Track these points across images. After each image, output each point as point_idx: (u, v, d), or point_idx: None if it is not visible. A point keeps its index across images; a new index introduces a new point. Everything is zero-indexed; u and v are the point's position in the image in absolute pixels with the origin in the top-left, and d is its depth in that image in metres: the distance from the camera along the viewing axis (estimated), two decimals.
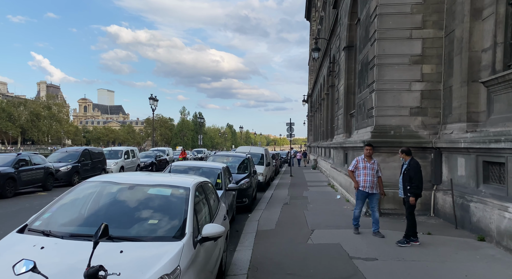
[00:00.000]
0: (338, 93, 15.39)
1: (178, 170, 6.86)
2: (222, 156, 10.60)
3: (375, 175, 6.21)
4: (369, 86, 8.80)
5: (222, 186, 6.56)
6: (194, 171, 6.91)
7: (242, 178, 9.35)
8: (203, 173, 6.88)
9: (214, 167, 7.06)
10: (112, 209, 3.14)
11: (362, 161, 6.29)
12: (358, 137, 9.60)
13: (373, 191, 6.17)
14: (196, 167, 7.00)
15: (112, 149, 18.68)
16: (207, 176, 6.71)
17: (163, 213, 3.12)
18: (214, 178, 6.81)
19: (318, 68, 30.11)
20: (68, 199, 3.27)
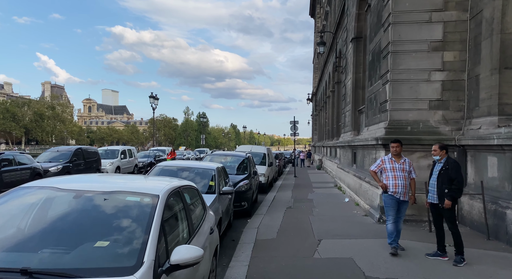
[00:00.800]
0: (345, 88, 14.46)
1: (167, 171, 6.02)
2: (220, 156, 9.76)
3: (407, 177, 5.05)
4: (381, 77, 7.89)
5: (215, 189, 5.70)
6: (185, 172, 6.06)
7: (241, 179, 8.49)
8: (195, 175, 6.04)
9: (208, 168, 6.20)
10: (47, 227, 2.29)
11: (389, 161, 5.13)
12: (369, 134, 8.69)
13: (405, 197, 5.00)
14: (187, 167, 6.16)
15: (108, 149, 17.93)
16: (199, 178, 5.87)
17: (117, 232, 2.27)
18: (207, 180, 5.96)
19: (323, 65, 29.16)
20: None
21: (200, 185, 5.79)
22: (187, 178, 5.95)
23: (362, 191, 9.00)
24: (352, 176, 10.93)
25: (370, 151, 8.61)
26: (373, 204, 7.62)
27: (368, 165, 8.85)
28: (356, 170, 10.60)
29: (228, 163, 9.43)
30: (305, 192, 12.55)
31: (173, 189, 2.85)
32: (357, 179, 10.00)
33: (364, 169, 9.34)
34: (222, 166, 7.12)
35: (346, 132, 13.78)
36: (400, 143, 5.17)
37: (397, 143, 5.16)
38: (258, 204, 10.13)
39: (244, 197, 8.18)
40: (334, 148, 20.78)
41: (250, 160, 9.85)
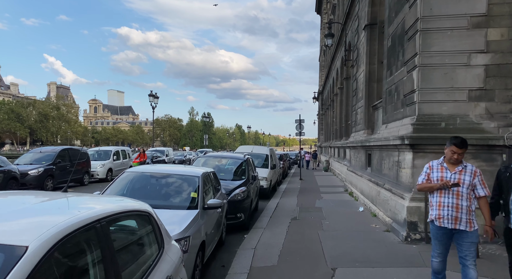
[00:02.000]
0: (356, 83, 13.06)
1: (139, 180, 4.71)
2: (214, 158, 8.46)
3: (466, 195, 3.27)
4: (406, 64, 6.50)
5: (198, 203, 4.38)
6: (162, 180, 4.76)
7: (237, 186, 7.17)
8: (172, 184, 4.72)
9: (190, 175, 4.88)
10: None
11: (439, 169, 3.45)
12: (389, 133, 7.30)
13: (460, 225, 3.24)
14: (164, 174, 4.84)
15: (100, 149, 16.75)
16: (178, 189, 4.56)
17: None
18: (189, 192, 4.64)
19: (330, 61, 27.73)
20: None
21: (177, 198, 4.48)
22: (161, 189, 4.65)
23: (380, 200, 7.62)
24: (366, 181, 9.53)
25: (391, 153, 7.22)
26: (397, 218, 6.23)
27: (388, 169, 7.46)
28: (372, 174, 9.21)
29: (224, 166, 8.13)
30: (312, 198, 11.18)
31: (51, 240, 1.44)
32: (373, 185, 8.61)
33: (383, 173, 7.96)
34: (211, 172, 5.80)
35: (357, 131, 12.38)
36: (466, 148, 3.35)
37: (463, 148, 3.30)
38: (258, 213, 8.80)
39: (240, 207, 6.86)
40: (343, 148, 19.35)
41: (249, 163, 8.53)
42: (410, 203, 5.69)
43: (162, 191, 4.57)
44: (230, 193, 6.91)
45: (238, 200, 6.87)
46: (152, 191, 4.55)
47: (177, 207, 4.25)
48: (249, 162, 8.55)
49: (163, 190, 4.60)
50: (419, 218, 5.59)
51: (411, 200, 5.71)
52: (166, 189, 4.61)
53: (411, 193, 5.78)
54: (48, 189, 11.69)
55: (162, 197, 4.46)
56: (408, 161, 6.00)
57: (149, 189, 4.60)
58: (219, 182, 6.24)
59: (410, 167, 5.90)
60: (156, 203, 4.23)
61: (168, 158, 23.64)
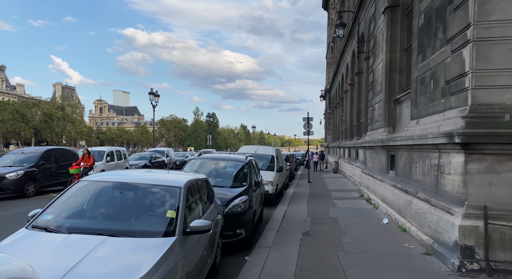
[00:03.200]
0: (373, 75, 11.65)
1: (95, 193, 3.38)
2: (211, 160, 7.11)
3: None
4: (451, 41, 5.11)
5: (175, 228, 3.06)
6: (125, 194, 3.45)
7: (236, 195, 5.84)
8: (141, 200, 3.41)
9: (170, 185, 3.56)
10: None
11: None
12: (423, 129, 5.92)
13: None
14: (131, 185, 3.49)
15: (93, 150, 15.54)
16: (147, 207, 3.26)
17: None
18: (166, 208, 3.32)
19: (339, 57, 26.28)
20: None
21: (147, 221, 3.14)
22: (126, 207, 3.34)
23: (412, 212, 6.22)
24: (389, 187, 8.13)
25: (427, 154, 5.83)
26: (442, 238, 4.84)
27: (422, 174, 6.07)
28: (396, 180, 7.81)
29: (221, 170, 6.80)
30: (324, 205, 9.81)
31: None
32: (400, 192, 7.21)
33: (413, 179, 6.57)
34: (201, 179, 4.47)
35: (375, 129, 10.97)
36: None
37: None
38: (263, 224, 7.48)
39: (240, 221, 5.53)
40: (355, 149, 17.92)
41: (252, 166, 7.20)
42: (464, 221, 4.30)
43: (127, 210, 3.26)
44: (228, 203, 5.59)
45: (237, 213, 5.54)
46: (112, 210, 3.24)
47: (145, 234, 2.93)
48: (252, 164, 7.22)
49: (129, 207, 3.29)
50: (477, 242, 4.20)
51: (464, 217, 4.32)
52: (133, 207, 3.30)
53: (464, 208, 4.40)
54: (29, 195, 10.51)
55: (126, 219, 3.15)
56: (457, 165, 4.61)
57: (109, 207, 3.28)
58: (212, 191, 4.92)
59: (461, 173, 4.52)
60: (115, 228, 2.92)
61: (168, 159, 22.43)
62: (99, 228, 2.86)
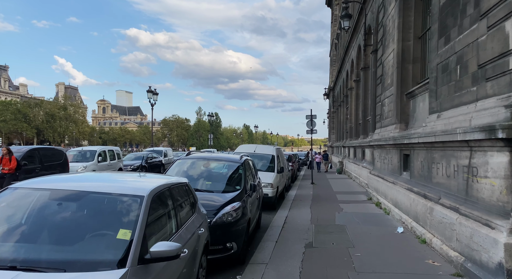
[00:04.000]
0: (382, 68, 10.72)
1: (29, 204, 2.50)
2: (201, 160, 6.18)
3: None
4: (485, 15, 4.20)
5: (128, 254, 2.18)
6: (65, 207, 2.56)
7: (228, 201, 4.95)
8: (88, 216, 2.53)
9: (127, 193, 2.67)
10: None
11: None
12: (447, 123, 5.00)
13: None
14: (70, 195, 2.54)
15: (83, 149, 14.72)
16: (94, 226, 2.39)
17: None
18: (118, 227, 2.44)
19: (344, 52, 25.33)
20: None
21: (91, 245, 2.24)
22: (66, 225, 2.46)
23: (435, 221, 5.30)
24: (403, 191, 7.21)
25: (453, 153, 4.91)
26: (478, 257, 3.93)
27: (445, 176, 5.16)
28: (412, 182, 6.89)
29: (212, 172, 5.90)
30: (329, 210, 8.91)
31: None
32: (416, 197, 6.29)
33: (434, 182, 5.65)
34: (180, 185, 3.60)
35: (384, 126, 10.05)
36: None
37: None
38: (260, 232, 6.60)
39: (231, 233, 4.65)
40: (361, 148, 16.99)
41: (248, 167, 6.31)
42: (511, 238, 3.38)
43: (63, 229, 2.37)
44: (218, 211, 4.71)
45: (228, 223, 4.66)
46: (40, 230, 2.35)
47: (82, 266, 2.05)
48: (247, 165, 6.34)
49: (66, 226, 2.40)
50: None
51: (511, 233, 3.41)
52: (73, 225, 2.42)
53: (510, 221, 3.48)
54: None
55: (58, 242, 2.27)
56: (499, 167, 3.70)
57: (36, 226, 2.39)
58: (195, 198, 4.04)
59: (504, 177, 3.61)
60: (36, 258, 2.05)
61: (166, 159, 21.62)
62: (12, 258, 2.00)
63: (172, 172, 5.70)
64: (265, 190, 9.11)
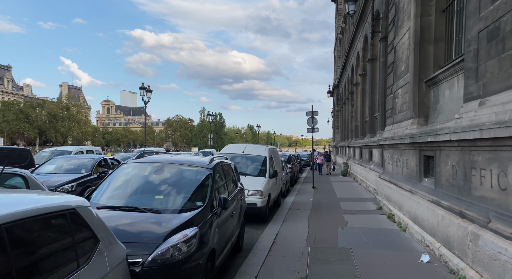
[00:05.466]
0: (394, 53, 9.07)
1: None
2: (151, 165, 4.44)
3: None
4: None
5: None
6: None
7: (176, 227, 3.34)
8: None
9: None
10: None
11: None
12: (504, 111, 3.38)
13: None
14: None
15: (57, 150, 13.20)
16: None
17: None
18: None
19: (348, 46, 23.66)
20: None
21: None
22: None
23: (483, 255, 3.66)
24: (426, 203, 5.57)
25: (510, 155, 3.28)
26: None
27: (497, 189, 3.53)
28: (439, 193, 5.25)
29: (165, 183, 4.28)
30: (331, 223, 7.29)
31: None
32: (448, 214, 4.65)
33: (476, 196, 4.02)
34: (64, 210, 2.04)
35: (397, 122, 8.41)
36: None
37: None
38: (239, 259, 5.03)
39: (179, 278, 3.08)
40: (368, 148, 15.33)
41: (220, 174, 4.71)
42: None
43: None
44: (159, 244, 3.14)
45: (175, 263, 3.08)
46: None
47: None
48: (221, 171, 4.75)
49: None
50: None
51: None
52: None
53: None
54: None
55: None
56: None
57: None
58: (107, 232, 2.47)
59: None
60: None
61: None
62: None
63: (104, 185, 4.11)
64: (253, 199, 7.54)
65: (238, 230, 5.39)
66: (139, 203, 3.76)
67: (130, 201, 3.78)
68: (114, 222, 3.19)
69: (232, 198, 4.89)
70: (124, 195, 3.98)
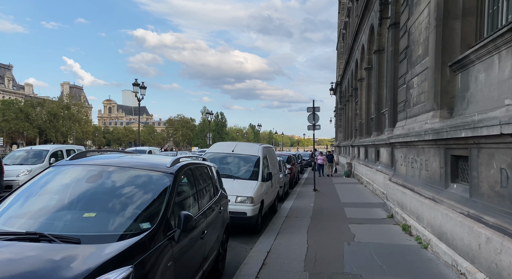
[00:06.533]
0: (408, 37, 7.80)
1: None
2: (87, 168, 3.04)
3: None
4: None
5: None
6: None
7: (93, 270, 2.14)
8: None
9: None
10: None
11: None
12: None
13: None
14: None
15: (32, 149, 12.01)
16: None
17: None
18: None
19: (352, 39, 22.37)
20: None
21: None
22: None
23: None
24: (457, 216, 4.32)
25: None
26: None
27: None
28: (479, 205, 4.00)
29: (101, 194, 3.05)
30: (335, 237, 6.06)
31: None
32: (500, 236, 3.40)
33: None
34: None
35: (413, 116, 7.16)
36: None
37: None
38: None
39: None
40: (374, 147, 14.07)
41: (177, 184, 3.46)
42: None
43: None
44: None
45: None
46: None
47: None
48: (189, 177, 3.54)
49: None
50: None
51: None
52: None
53: None
54: None
55: None
56: None
57: None
58: None
59: None
60: None
61: None
62: None
63: (11, 198, 2.89)
64: (242, 207, 6.33)
65: (216, 252, 4.18)
66: (53, 226, 2.55)
67: (40, 223, 2.56)
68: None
69: (204, 213, 3.67)
70: (38, 213, 2.76)
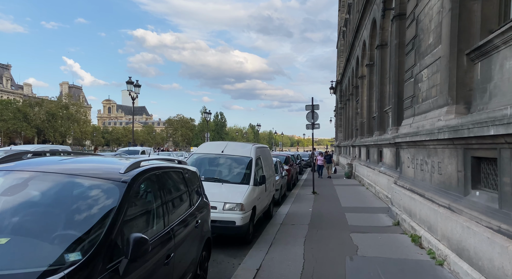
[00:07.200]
0: (416, 26, 7.05)
1: None
2: (4, 173, 2.51)
3: None
4: None
5: None
6: None
7: None
8: None
9: None
10: None
11: None
12: None
13: None
14: None
15: (12, 149, 11.26)
16: None
17: None
18: None
19: (353, 36, 21.65)
20: None
21: None
22: None
23: None
24: (483, 231, 3.58)
25: None
26: None
27: None
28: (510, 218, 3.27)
29: (28, 210, 2.33)
30: (335, 250, 5.32)
31: None
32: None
33: None
34: None
35: (422, 112, 6.42)
36: None
37: None
38: None
39: None
40: (376, 147, 13.34)
41: (132, 197, 2.67)
42: None
43: None
44: None
45: None
46: None
47: None
48: (146, 188, 2.83)
49: None
50: None
51: None
52: None
53: None
54: None
55: None
56: None
57: None
58: None
59: None
60: None
61: None
62: None
63: None
64: (231, 215, 5.59)
65: (192, 275, 3.45)
66: None
67: None
68: None
69: (171, 230, 2.94)
70: None
